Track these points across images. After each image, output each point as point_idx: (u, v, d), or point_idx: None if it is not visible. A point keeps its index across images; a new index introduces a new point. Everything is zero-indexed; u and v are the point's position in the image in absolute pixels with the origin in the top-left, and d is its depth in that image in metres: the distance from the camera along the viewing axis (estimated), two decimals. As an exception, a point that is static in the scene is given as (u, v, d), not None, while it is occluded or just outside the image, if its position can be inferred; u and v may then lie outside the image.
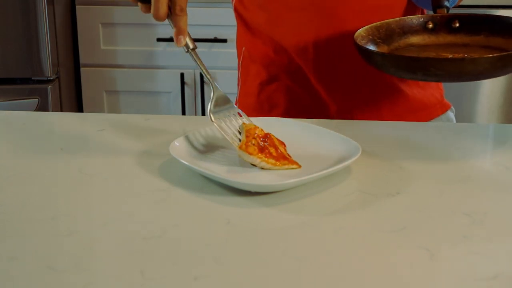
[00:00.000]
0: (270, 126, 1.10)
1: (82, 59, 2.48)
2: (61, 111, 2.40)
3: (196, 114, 2.45)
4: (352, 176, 0.99)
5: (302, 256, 0.79)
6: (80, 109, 2.54)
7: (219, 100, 1.06)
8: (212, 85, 1.07)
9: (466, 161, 1.05)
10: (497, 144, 1.13)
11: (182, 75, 2.42)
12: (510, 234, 0.85)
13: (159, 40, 2.41)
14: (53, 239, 0.83)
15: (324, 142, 1.05)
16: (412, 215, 0.89)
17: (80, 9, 2.44)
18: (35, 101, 2.30)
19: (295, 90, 1.32)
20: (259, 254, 0.80)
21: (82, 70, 2.49)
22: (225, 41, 2.38)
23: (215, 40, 2.39)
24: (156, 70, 2.46)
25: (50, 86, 2.32)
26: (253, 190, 0.93)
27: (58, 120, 1.25)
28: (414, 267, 0.77)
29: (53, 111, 2.32)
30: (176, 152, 0.99)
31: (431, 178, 0.99)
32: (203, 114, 2.43)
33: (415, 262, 0.78)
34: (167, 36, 2.39)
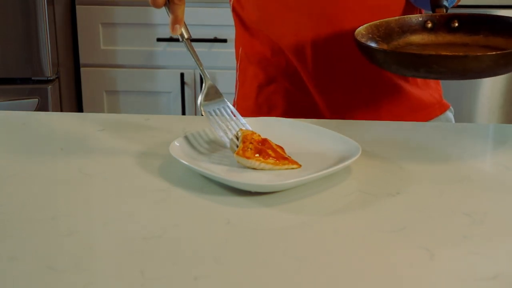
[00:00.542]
0: (269, 126, 1.10)
1: (82, 59, 2.48)
2: (61, 111, 2.40)
3: (196, 114, 2.45)
4: (352, 176, 0.99)
5: (302, 256, 0.79)
6: (80, 109, 2.54)
7: (210, 91, 1.07)
8: (204, 75, 1.07)
9: (466, 161, 1.05)
10: (497, 144, 1.13)
11: (182, 75, 2.42)
12: (510, 234, 0.85)
13: (159, 40, 2.41)
14: (53, 239, 0.83)
15: (324, 142, 1.05)
16: (412, 215, 0.89)
17: (80, 9, 2.44)
18: (35, 101, 2.30)
19: (293, 92, 1.32)
20: (259, 254, 0.80)
21: (82, 70, 2.49)
22: (225, 41, 2.38)
23: (215, 40, 2.39)
24: (156, 70, 2.46)
25: (50, 86, 2.32)
26: (253, 190, 0.93)
27: (58, 120, 1.25)
28: (414, 267, 0.77)
29: (53, 111, 2.32)
30: (176, 152, 0.99)
31: (431, 178, 0.99)
32: (203, 114, 2.42)
33: (415, 262, 0.78)
34: (167, 36, 2.39)
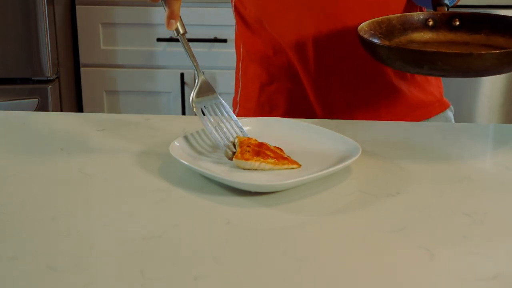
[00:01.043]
0: (269, 126, 1.10)
1: (82, 59, 2.48)
2: (61, 111, 2.39)
3: (196, 114, 2.45)
4: (352, 176, 0.98)
5: (302, 256, 0.79)
6: (80, 109, 2.54)
7: (203, 87, 1.07)
8: (197, 70, 1.07)
9: (466, 161, 1.05)
10: (497, 144, 1.13)
11: (182, 75, 2.42)
12: (510, 234, 0.85)
13: (159, 40, 2.41)
14: (53, 239, 0.83)
15: (324, 142, 1.05)
16: (412, 215, 0.89)
17: (80, 9, 2.44)
18: (35, 101, 2.30)
19: (295, 91, 1.32)
20: (259, 254, 0.80)
21: (82, 70, 2.49)
22: (225, 41, 2.38)
23: (215, 40, 2.39)
24: (156, 70, 2.46)
25: (50, 86, 2.32)
26: (253, 190, 0.93)
27: (58, 120, 1.25)
28: (414, 267, 0.77)
29: (53, 111, 2.32)
30: (176, 152, 0.99)
31: (431, 178, 0.99)
32: (203, 114, 2.42)
33: (415, 262, 0.78)
34: (167, 36, 2.39)
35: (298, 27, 1.27)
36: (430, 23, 1.24)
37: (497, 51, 1.05)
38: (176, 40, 1.62)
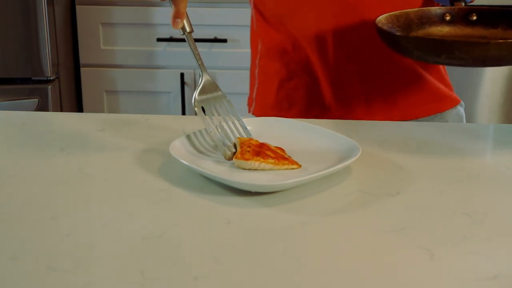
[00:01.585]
0: (269, 126, 1.10)
1: (82, 59, 2.48)
2: (61, 111, 2.39)
3: (196, 114, 2.45)
4: (352, 176, 0.98)
5: (302, 256, 0.79)
6: (80, 109, 2.54)
7: (207, 86, 1.07)
8: (202, 69, 1.07)
9: (466, 161, 1.05)
10: (497, 144, 1.13)
11: (182, 75, 2.42)
12: (510, 234, 0.85)
13: (159, 40, 2.41)
14: (53, 239, 0.83)
15: (324, 142, 1.05)
16: (412, 215, 0.89)
17: (80, 9, 2.44)
18: (35, 101, 2.30)
19: (314, 87, 1.32)
20: (259, 254, 0.80)
21: (82, 70, 2.49)
22: (225, 41, 2.38)
23: (215, 40, 2.39)
24: (156, 70, 2.46)
25: (50, 86, 2.32)
26: (253, 190, 0.93)
27: (58, 120, 1.25)
28: (414, 267, 0.77)
29: (53, 111, 2.32)
30: (176, 152, 0.99)
31: (431, 178, 0.99)
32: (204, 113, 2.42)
33: (415, 262, 0.78)
34: (167, 36, 2.39)
35: (317, 21, 1.28)
36: (448, 17, 1.25)
37: None
38: (176, 40, 1.62)
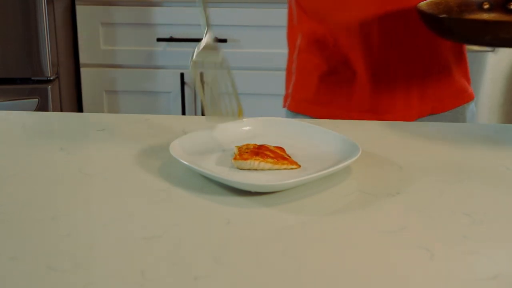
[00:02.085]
0: (270, 126, 1.10)
1: (82, 59, 2.48)
2: (61, 111, 2.39)
3: (196, 114, 2.45)
4: (352, 176, 0.99)
5: (302, 256, 0.79)
6: (80, 109, 2.54)
7: (207, 47, 1.06)
8: (208, 26, 1.05)
9: (466, 161, 1.05)
10: (497, 144, 1.13)
11: (182, 75, 2.42)
12: (510, 234, 0.85)
13: (159, 40, 2.41)
14: (53, 239, 0.83)
15: (324, 142, 1.05)
16: (412, 215, 0.89)
17: (80, 9, 2.44)
18: (35, 101, 2.30)
19: (354, 81, 1.34)
20: (259, 254, 0.80)
21: (82, 70, 2.49)
22: (225, 41, 2.38)
23: (215, 40, 2.39)
24: (156, 70, 2.46)
25: (50, 86, 2.31)
26: (253, 190, 0.93)
27: (58, 120, 1.25)
28: (414, 267, 0.77)
29: (53, 111, 2.32)
30: (176, 152, 0.99)
31: (431, 178, 0.99)
32: (203, 114, 2.42)
33: (415, 262, 0.78)
34: (167, 36, 2.39)
35: (360, 13, 1.29)
36: (486, 6, 1.27)
37: None
38: (176, 40, 1.62)
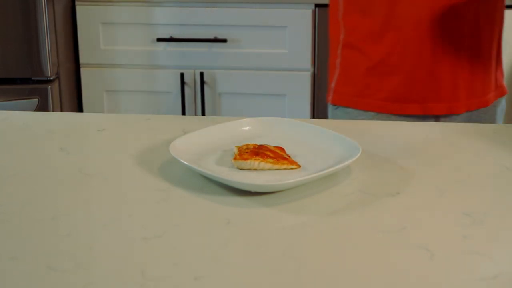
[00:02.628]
0: (270, 126, 1.10)
1: (82, 59, 2.48)
2: (61, 111, 2.39)
3: (196, 114, 2.45)
4: (352, 176, 0.99)
5: (302, 256, 0.79)
6: (80, 109, 2.54)
7: None
8: None
9: (466, 161, 1.05)
10: (497, 144, 1.13)
11: (182, 75, 2.42)
12: (510, 234, 0.85)
13: (159, 40, 2.41)
14: (53, 239, 0.83)
15: (324, 142, 1.05)
16: (412, 215, 0.89)
17: (80, 9, 2.44)
18: (35, 101, 2.30)
19: (402, 73, 1.35)
20: (259, 254, 0.80)
21: (82, 70, 2.49)
22: (225, 41, 2.38)
23: (215, 40, 2.39)
24: (156, 70, 2.46)
25: (50, 86, 2.31)
26: (253, 190, 0.93)
27: (58, 120, 1.25)
28: (414, 267, 0.77)
29: (53, 111, 2.32)
30: (176, 152, 0.99)
31: (431, 178, 0.99)
32: (203, 114, 2.42)
33: (415, 262, 0.78)
34: (167, 36, 2.39)
35: (410, 6, 1.31)
36: None
37: None
38: (176, 40, 1.61)
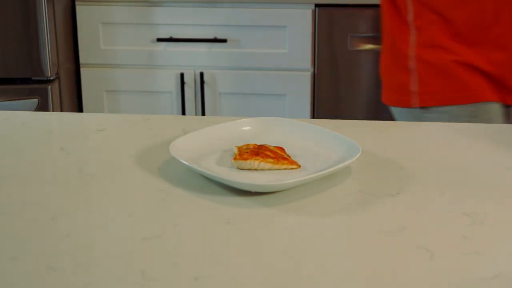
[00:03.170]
0: (269, 126, 1.10)
1: (82, 59, 2.48)
2: (61, 111, 2.39)
3: (196, 114, 2.45)
4: (352, 176, 0.99)
5: (302, 256, 0.79)
6: (80, 109, 2.54)
7: None
8: None
9: (466, 161, 1.05)
10: (497, 144, 1.13)
11: (182, 75, 2.42)
12: (510, 234, 0.85)
13: (159, 40, 2.41)
14: (53, 239, 0.83)
15: (324, 142, 1.05)
16: (412, 215, 0.89)
17: (80, 9, 2.44)
18: (35, 101, 2.30)
19: (484, 64, 1.39)
20: (259, 254, 0.80)
21: (82, 70, 2.49)
22: (225, 41, 2.38)
23: (215, 40, 2.39)
24: (156, 70, 2.46)
25: (50, 86, 2.31)
26: (253, 190, 0.93)
27: (58, 120, 1.25)
28: (414, 267, 0.77)
29: (53, 111, 2.32)
30: (176, 152, 0.99)
31: (431, 178, 0.99)
32: (203, 114, 2.42)
33: (415, 262, 0.78)
34: (167, 36, 2.39)
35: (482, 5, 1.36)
36: None
37: None
38: (176, 40, 1.61)
